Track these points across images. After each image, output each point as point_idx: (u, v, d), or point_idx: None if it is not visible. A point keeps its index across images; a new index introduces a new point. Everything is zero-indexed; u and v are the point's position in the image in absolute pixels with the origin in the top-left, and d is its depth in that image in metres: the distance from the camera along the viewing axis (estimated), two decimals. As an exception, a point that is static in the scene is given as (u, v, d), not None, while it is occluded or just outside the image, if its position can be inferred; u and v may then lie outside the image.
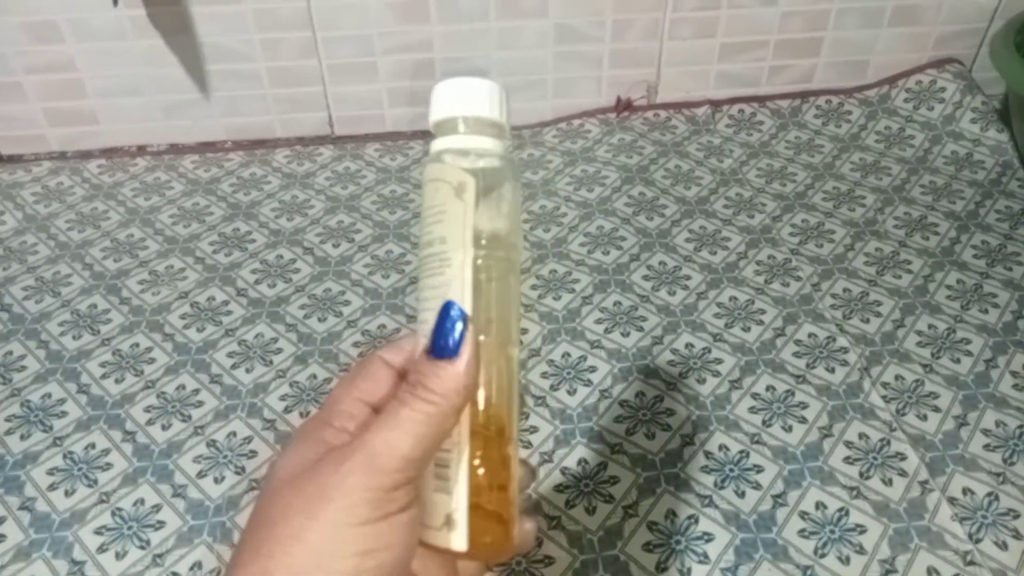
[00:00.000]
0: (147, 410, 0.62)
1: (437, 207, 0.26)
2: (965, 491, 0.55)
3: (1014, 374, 0.63)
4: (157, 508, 0.55)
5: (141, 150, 0.93)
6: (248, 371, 0.65)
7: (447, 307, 0.25)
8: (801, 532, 0.52)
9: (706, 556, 0.51)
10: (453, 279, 0.25)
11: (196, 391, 0.63)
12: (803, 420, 0.60)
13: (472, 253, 0.25)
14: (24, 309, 0.71)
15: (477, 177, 0.26)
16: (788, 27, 0.91)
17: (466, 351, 0.24)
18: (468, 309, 0.25)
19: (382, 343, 0.66)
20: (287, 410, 0.61)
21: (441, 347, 0.24)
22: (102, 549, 0.52)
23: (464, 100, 0.27)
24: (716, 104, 0.96)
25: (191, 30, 0.85)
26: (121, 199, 0.85)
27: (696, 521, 0.53)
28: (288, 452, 0.25)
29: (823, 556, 0.51)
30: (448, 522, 0.25)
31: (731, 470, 0.56)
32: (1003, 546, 0.51)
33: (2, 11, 0.82)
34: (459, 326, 0.24)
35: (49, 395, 0.63)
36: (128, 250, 0.78)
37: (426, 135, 0.95)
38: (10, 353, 0.66)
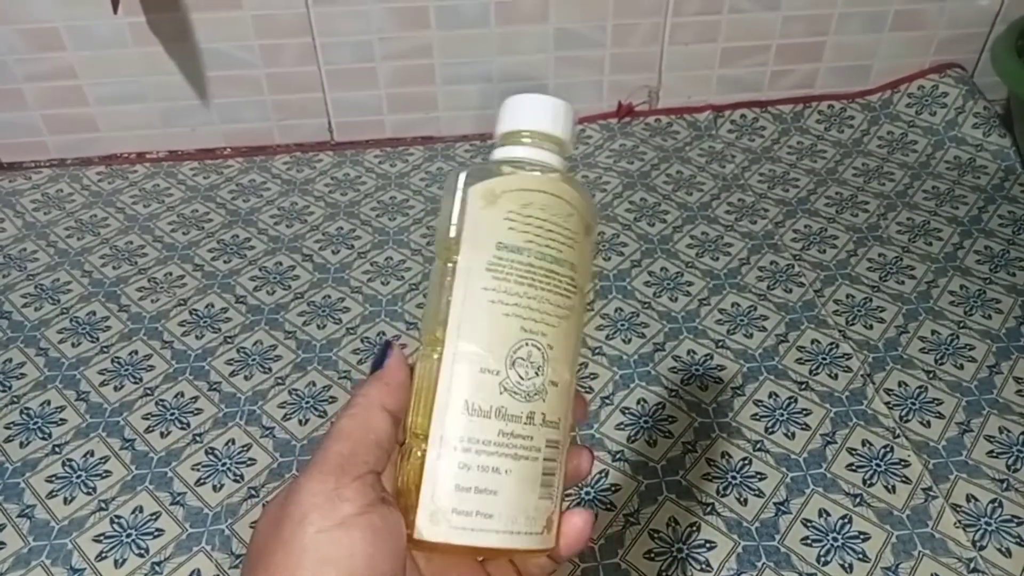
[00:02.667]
0: (146, 417, 0.61)
1: (570, 232, 0.28)
2: (969, 498, 0.54)
3: (1018, 380, 0.62)
4: (156, 516, 0.55)
5: (140, 157, 0.93)
6: (247, 378, 0.64)
7: (385, 343, 0.28)
8: (804, 540, 0.52)
9: (708, 564, 0.51)
10: (576, 309, 0.28)
11: (195, 398, 0.63)
12: (806, 427, 0.59)
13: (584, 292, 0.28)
14: (23, 316, 0.71)
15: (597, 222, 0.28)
16: (790, 32, 0.91)
17: (392, 361, 0.27)
18: (579, 339, 0.29)
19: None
20: (286, 418, 0.61)
21: (375, 365, 0.28)
22: (101, 557, 0.52)
23: (539, 115, 0.29)
24: (718, 109, 0.95)
25: (191, 37, 0.85)
26: (120, 206, 0.85)
27: (698, 529, 0.53)
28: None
29: (826, 564, 0.51)
30: (548, 525, 0.26)
31: (733, 477, 0.56)
32: (1007, 553, 0.51)
33: (3, 19, 0.82)
34: (389, 351, 0.28)
35: (48, 402, 0.63)
36: (127, 257, 0.77)
37: (426, 141, 0.95)
38: (9, 360, 0.66)
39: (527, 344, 0.26)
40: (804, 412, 0.60)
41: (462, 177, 0.28)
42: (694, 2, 0.88)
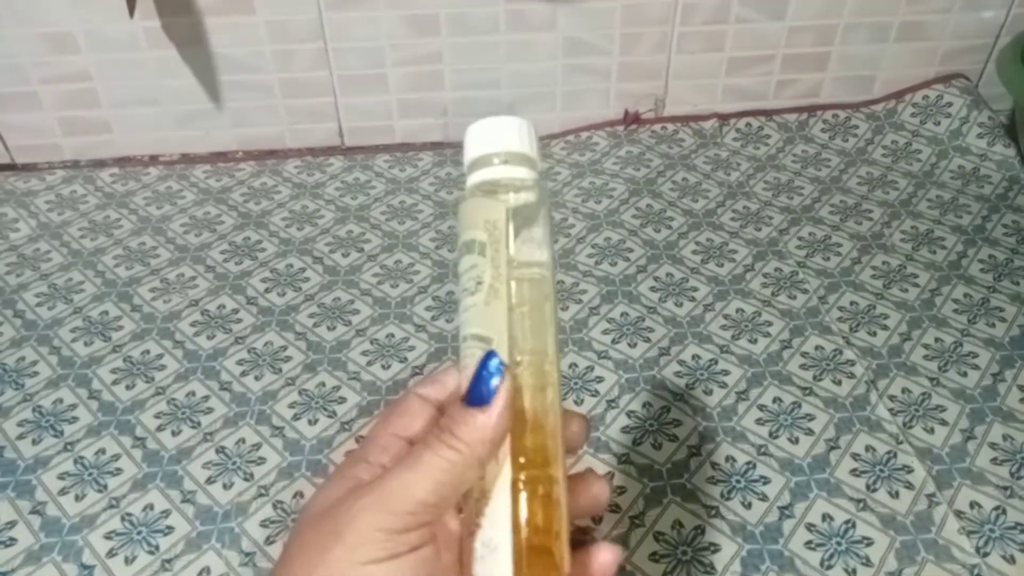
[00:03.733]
0: (157, 416, 0.62)
1: (474, 237, 0.27)
2: (972, 504, 0.55)
3: (1021, 388, 0.63)
4: (166, 513, 0.55)
5: (153, 159, 0.94)
6: (257, 379, 0.65)
7: (488, 356, 0.24)
8: (808, 544, 0.52)
9: (712, 567, 0.51)
10: (498, 311, 0.25)
11: (206, 398, 0.64)
12: (810, 432, 0.60)
13: (510, 283, 0.26)
14: (37, 315, 0.72)
15: (508, 212, 0.27)
16: (796, 42, 0.92)
17: (499, 402, 0.24)
18: (505, 343, 0.25)
19: (419, 375, 0.67)
20: (295, 418, 0.62)
21: (476, 395, 0.24)
22: (111, 554, 0.53)
23: (495, 137, 0.28)
24: (723, 117, 0.96)
25: (204, 41, 0.86)
26: (133, 208, 0.86)
27: (703, 532, 0.53)
28: (322, 488, 0.26)
29: (830, 568, 0.51)
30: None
31: (738, 481, 0.56)
32: (1011, 560, 0.51)
33: (20, 22, 0.83)
34: (496, 379, 0.24)
35: (60, 400, 0.63)
36: (140, 258, 0.78)
37: (435, 146, 0.96)
38: (23, 359, 0.67)
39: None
40: (808, 417, 0.61)
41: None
42: (701, 12, 0.89)
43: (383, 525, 0.23)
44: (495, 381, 0.24)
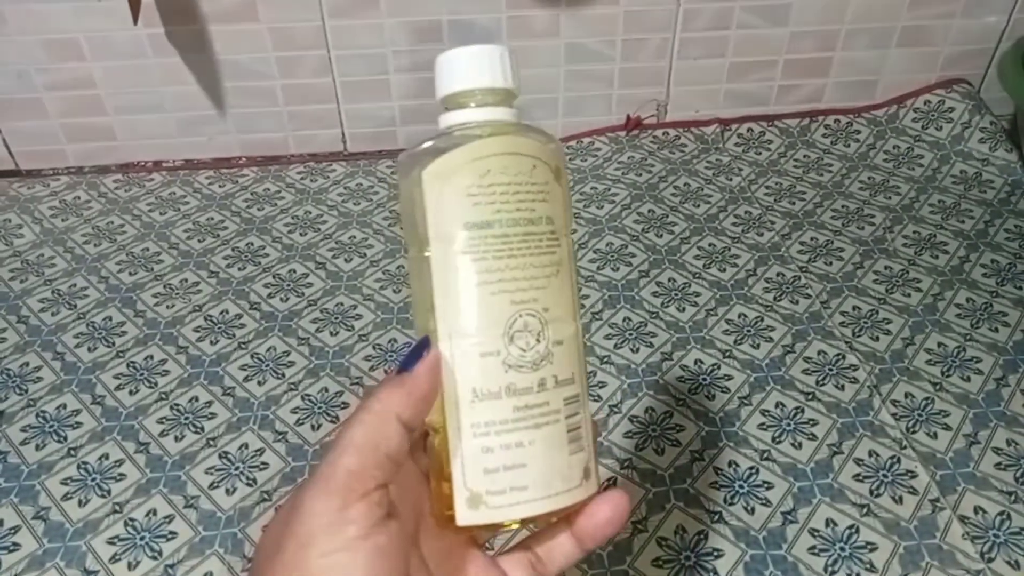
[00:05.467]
0: (160, 422, 0.62)
1: (538, 186, 0.26)
2: (976, 510, 0.54)
3: (1025, 393, 0.63)
4: (169, 519, 0.55)
5: (157, 165, 0.94)
6: (260, 384, 0.65)
7: (423, 341, 0.26)
8: (811, 549, 0.52)
9: (716, 572, 0.51)
10: (563, 260, 0.27)
11: (209, 403, 0.64)
12: (813, 437, 0.60)
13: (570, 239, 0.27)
14: (41, 321, 0.72)
15: (565, 161, 0.27)
16: (797, 47, 0.92)
17: (420, 368, 0.25)
18: (575, 286, 0.27)
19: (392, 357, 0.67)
20: (299, 423, 0.62)
21: (403, 365, 0.26)
22: (115, 559, 0.53)
23: (477, 70, 0.27)
24: (725, 123, 0.96)
25: (208, 48, 0.87)
26: (137, 213, 0.86)
27: (706, 537, 0.53)
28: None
29: (833, 574, 0.51)
30: (586, 473, 0.27)
31: (741, 486, 0.56)
32: (1015, 565, 0.51)
33: (25, 29, 0.84)
34: (424, 352, 0.26)
35: (64, 406, 0.64)
36: (143, 264, 0.79)
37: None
38: (26, 364, 0.67)
39: (522, 316, 0.26)
40: (811, 422, 0.61)
41: (412, 162, 0.26)
42: (703, 18, 0.89)
43: (324, 507, 0.23)
44: (424, 353, 0.26)
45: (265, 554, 0.24)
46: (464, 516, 0.25)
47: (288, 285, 0.76)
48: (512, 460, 0.25)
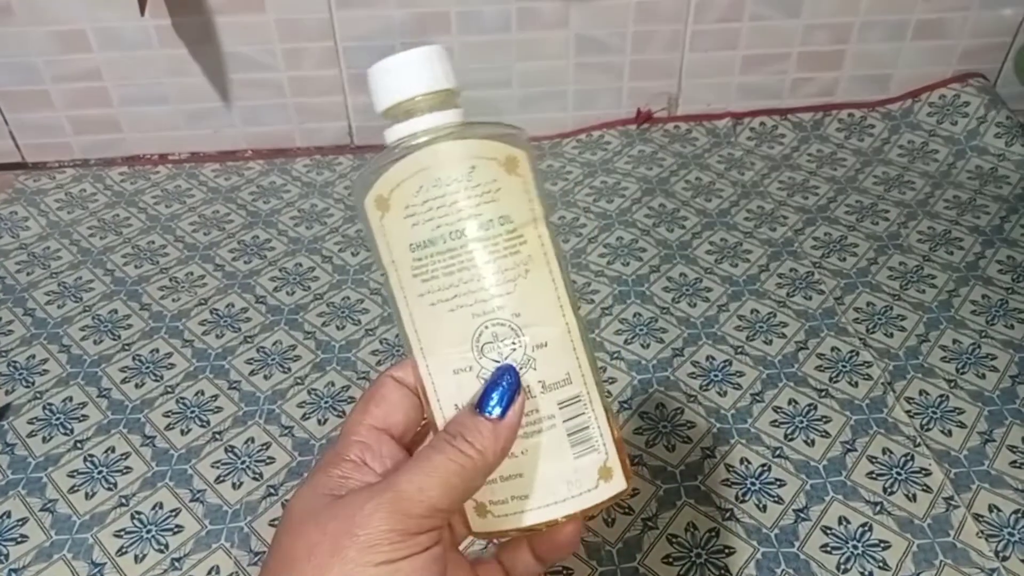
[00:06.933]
0: (166, 415, 0.62)
1: (482, 187, 0.25)
2: (991, 508, 0.54)
3: (1042, 391, 0.62)
4: (175, 512, 0.55)
5: (163, 158, 0.94)
6: (266, 378, 0.65)
7: (507, 370, 0.24)
8: (824, 547, 0.52)
9: (727, 570, 0.51)
10: (533, 255, 0.25)
11: (215, 397, 0.63)
12: (826, 434, 0.59)
13: (546, 225, 0.25)
14: (47, 314, 0.71)
15: (527, 147, 0.25)
16: (811, 40, 0.91)
17: (513, 416, 0.24)
18: (559, 281, 0.26)
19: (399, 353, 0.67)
20: (305, 417, 0.61)
21: (492, 406, 0.24)
22: (121, 552, 0.52)
23: (408, 79, 0.26)
24: (737, 116, 0.95)
25: (215, 40, 0.86)
26: (142, 206, 0.86)
27: (717, 534, 0.52)
28: (305, 487, 0.25)
29: (846, 572, 0.50)
30: (605, 474, 0.26)
31: (752, 483, 0.56)
32: (1032, 566, 0.50)
33: (31, 20, 0.83)
34: (515, 395, 0.24)
35: (70, 399, 0.63)
36: (149, 256, 0.78)
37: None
38: (32, 357, 0.67)
39: (488, 327, 0.25)
40: (824, 419, 0.60)
41: (360, 187, 0.26)
42: (715, 9, 0.88)
43: (397, 527, 0.23)
44: (515, 396, 0.24)
45: (312, 554, 0.23)
46: (476, 524, 0.26)
47: (294, 279, 0.75)
48: (507, 471, 0.25)
